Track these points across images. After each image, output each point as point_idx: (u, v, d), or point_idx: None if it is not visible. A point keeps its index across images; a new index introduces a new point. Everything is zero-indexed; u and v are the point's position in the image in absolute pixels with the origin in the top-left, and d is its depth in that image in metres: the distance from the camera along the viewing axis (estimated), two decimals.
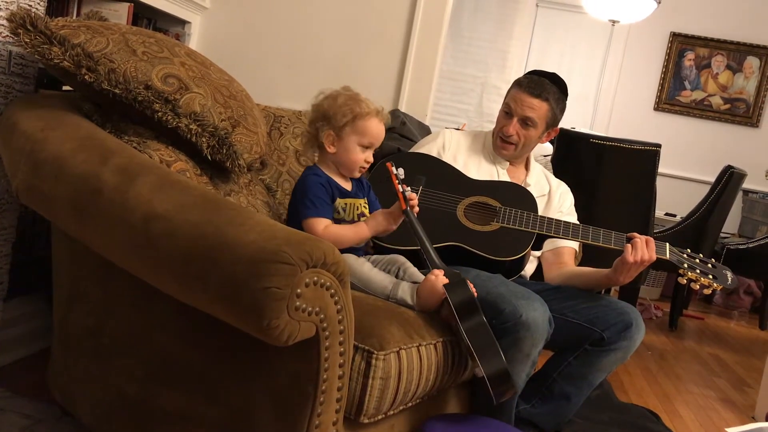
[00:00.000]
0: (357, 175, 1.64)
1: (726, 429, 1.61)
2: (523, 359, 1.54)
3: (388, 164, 1.60)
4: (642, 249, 1.66)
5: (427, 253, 1.49)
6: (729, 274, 1.71)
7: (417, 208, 1.54)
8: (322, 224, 1.53)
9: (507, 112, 1.96)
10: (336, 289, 1.12)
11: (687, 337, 3.72)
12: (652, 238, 1.69)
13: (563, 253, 1.95)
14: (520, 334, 1.51)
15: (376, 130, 1.59)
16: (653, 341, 3.47)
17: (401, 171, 1.56)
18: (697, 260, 1.74)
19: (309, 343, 1.10)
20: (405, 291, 1.48)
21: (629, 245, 1.67)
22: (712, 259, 1.76)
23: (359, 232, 1.57)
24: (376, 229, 1.56)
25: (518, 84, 1.96)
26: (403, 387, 1.32)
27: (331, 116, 1.57)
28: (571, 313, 1.75)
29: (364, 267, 1.54)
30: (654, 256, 1.66)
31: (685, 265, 1.71)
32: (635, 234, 1.70)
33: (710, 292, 1.70)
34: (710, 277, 1.69)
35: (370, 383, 1.26)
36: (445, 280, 1.44)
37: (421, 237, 1.51)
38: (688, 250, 1.75)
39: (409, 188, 1.54)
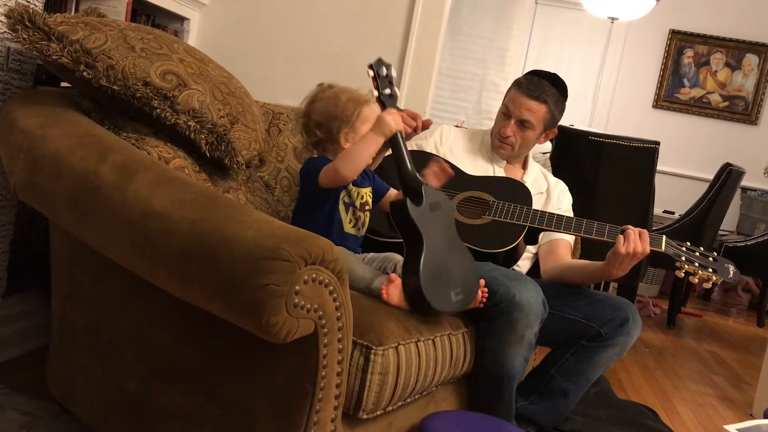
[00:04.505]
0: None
1: (724, 426, 1.61)
2: (517, 340, 1.54)
3: (368, 65, 1.58)
4: (635, 241, 1.63)
5: (405, 168, 1.51)
6: (731, 268, 1.68)
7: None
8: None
9: (505, 114, 1.96)
10: (335, 286, 1.12)
11: (685, 335, 3.73)
12: (646, 231, 1.66)
13: (558, 246, 1.95)
14: (514, 314, 1.51)
15: (375, 112, 1.61)
16: (651, 339, 3.47)
17: (384, 69, 1.58)
18: (697, 253, 1.71)
19: (307, 340, 1.10)
20: (381, 280, 1.46)
21: (621, 236, 1.65)
22: (714, 253, 1.73)
23: (372, 140, 1.51)
24: (382, 131, 1.51)
25: (517, 85, 1.95)
26: (401, 382, 1.32)
27: (340, 115, 1.57)
28: (568, 309, 1.75)
29: (349, 258, 1.52)
30: (648, 249, 1.63)
31: (683, 258, 1.67)
32: (629, 226, 1.67)
33: (710, 285, 1.66)
34: (710, 270, 1.66)
35: (368, 378, 1.26)
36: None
37: (405, 158, 1.51)
38: (688, 243, 1.72)
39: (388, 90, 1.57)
